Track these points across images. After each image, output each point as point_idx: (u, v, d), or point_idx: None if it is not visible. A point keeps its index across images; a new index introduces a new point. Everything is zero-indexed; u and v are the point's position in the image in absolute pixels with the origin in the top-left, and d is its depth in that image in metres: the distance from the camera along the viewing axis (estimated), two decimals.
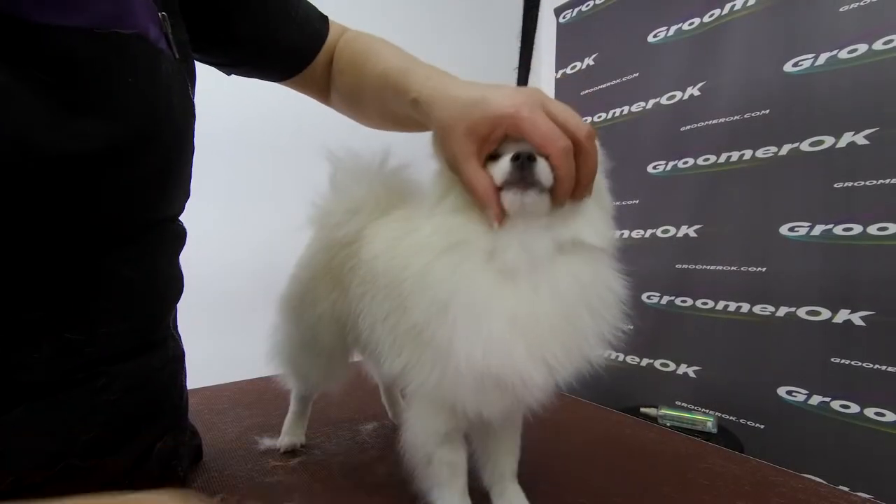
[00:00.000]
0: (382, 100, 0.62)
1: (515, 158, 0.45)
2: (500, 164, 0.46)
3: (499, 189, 0.46)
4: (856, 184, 1.37)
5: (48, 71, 0.39)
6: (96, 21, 0.41)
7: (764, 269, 1.56)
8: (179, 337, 0.61)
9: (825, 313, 1.43)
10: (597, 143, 0.48)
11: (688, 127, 1.76)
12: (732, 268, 1.64)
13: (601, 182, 0.52)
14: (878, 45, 1.34)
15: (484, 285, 0.46)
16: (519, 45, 0.54)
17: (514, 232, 0.46)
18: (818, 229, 1.44)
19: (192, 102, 0.54)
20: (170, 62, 0.48)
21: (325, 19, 0.69)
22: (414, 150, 0.65)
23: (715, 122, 1.69)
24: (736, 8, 1.64)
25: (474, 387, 0.46)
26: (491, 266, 0.46)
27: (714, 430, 1.43)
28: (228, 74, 0.69)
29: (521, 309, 0.45)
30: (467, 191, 0.48)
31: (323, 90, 0.71)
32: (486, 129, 0.47)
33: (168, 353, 0.56)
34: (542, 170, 0.45)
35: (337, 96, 0.71)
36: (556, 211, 0.47)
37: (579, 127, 0.46)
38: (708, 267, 1.71)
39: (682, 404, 1.68)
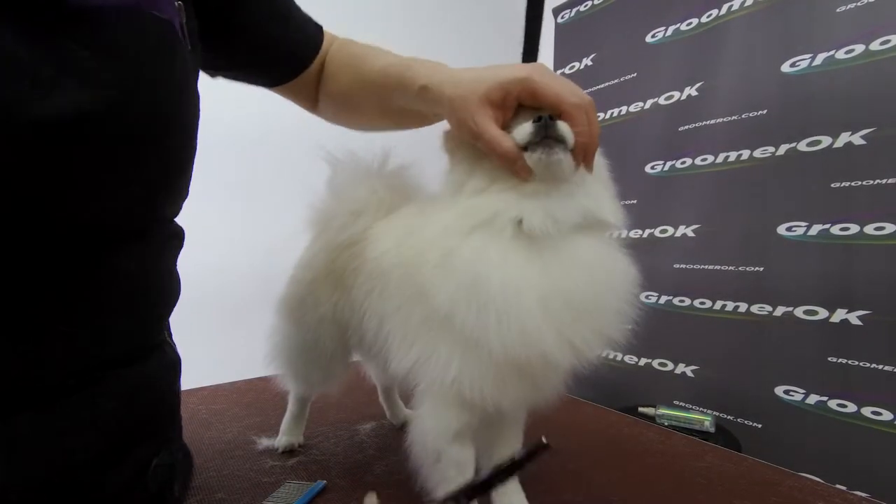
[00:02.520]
0: (382, 96, 0.61)
1: (538, 120, 0.46)
2: (522, 128, 0.47)
3: (523, 150, 0.46)
4: (853, 184, 1.38)
5: (88, 51, 0.37)
6: (133, 1, 0.40)
7: (761, 269, 1.57)
8: (174, 344, 0.60)
9: (822, 313, 1.43)
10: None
11: (686, 127, 1.77)
12: (730, 268, 1.65)
13: (602, 166, 0.53)
14: (876, 46, 1.35)
15: (515, 263, 0.45)
16: (521, 51, 0.54)
17: (538, 198, 0.47)
18: (815, 229, 1.45)
19: (198, 96, 0.52)
20: (186, 53, 0.47)
21: (320, 28, 0.69)
22: (413, 151, 0.65)
23: (713, 122, 1.70)
24: (734, 8, 1.64)
25: (496, 377, 0.45)
26: (520, 242, 0.46)
27: (712, 430, 1.44)
28: (213, 77, 0.65)
29: (552, 288, 0.44)
30: (489, 152, 0.48)
31: (311, 97, 0.71)
32: (499, 94, 0.48)
33: (165, 360, 0.56)
34: (565, 127, 0.46)
35: (328, 101, 0.70)
36: (575, 181, 0.48)
37: (583, 97, 0.48)
38: (706, 267, 1.72)
39: (680, 404, 1.68)
